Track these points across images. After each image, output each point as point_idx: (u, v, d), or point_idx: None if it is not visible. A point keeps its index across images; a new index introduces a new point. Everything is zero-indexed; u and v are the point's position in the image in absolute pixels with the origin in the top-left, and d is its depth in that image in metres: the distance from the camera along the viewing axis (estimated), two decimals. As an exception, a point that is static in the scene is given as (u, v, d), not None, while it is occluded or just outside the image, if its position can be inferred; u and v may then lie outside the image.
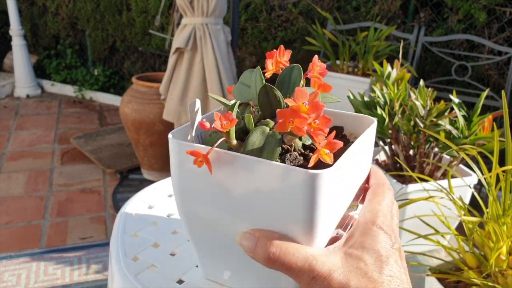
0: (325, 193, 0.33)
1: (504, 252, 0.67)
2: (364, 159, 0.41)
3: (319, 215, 0.34)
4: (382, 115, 0.97)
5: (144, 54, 3.39)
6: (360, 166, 0.40)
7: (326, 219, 0.35)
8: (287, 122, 0.33)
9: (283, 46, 0.41)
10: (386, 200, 0.39)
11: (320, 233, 0.35)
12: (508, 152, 0.65)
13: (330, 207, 0.35)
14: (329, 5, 2.62)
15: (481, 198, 0.76)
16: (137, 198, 0.58)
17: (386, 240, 0.35)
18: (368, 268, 0.33)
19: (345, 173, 0.36)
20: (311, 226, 0.34)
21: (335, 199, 0.36)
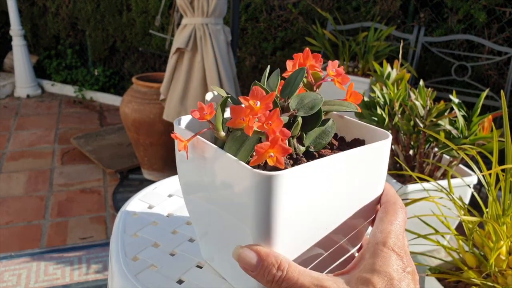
0: (281, 198, 0.31)
1: (504, 252, 0.67)
2: (365, 175, 0.37)
3: (273, 221, 0.32)
4: (382, 115, 0.97)
5: (144, 54, 3.39)
6: (355, 182, 0.37)
7: (285, 229, 0.33)
8: (238, 120, 0.33)
9: (308, 50, 0.40)
10: (399, 219, 0.37)
11: (280, 244, 0.33)
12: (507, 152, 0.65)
13: (293, 216, 0.33)
14: (329, 5, 2.62)
15: (481, 198, 0.76)
16: (137, 198, 0.58)
17: (398, 263, 0.34)
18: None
19: (318, 181, 0.33)
20: (264, 232, 0.33)
21: (301, 209, 0.33)
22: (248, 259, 0.33)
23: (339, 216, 0.37)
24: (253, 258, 0.33)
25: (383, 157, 0.38)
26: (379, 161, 0.38)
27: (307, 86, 0.40)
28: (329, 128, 0.38)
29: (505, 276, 0.65)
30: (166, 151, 2.24)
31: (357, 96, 0.39)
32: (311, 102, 0.37)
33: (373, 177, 0.38)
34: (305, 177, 0.32)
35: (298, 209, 0.33)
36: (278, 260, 0.33)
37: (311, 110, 0.36)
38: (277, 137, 0.31)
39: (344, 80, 0.39)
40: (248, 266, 0.33)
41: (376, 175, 0.38)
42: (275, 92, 0.34)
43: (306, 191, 0.33)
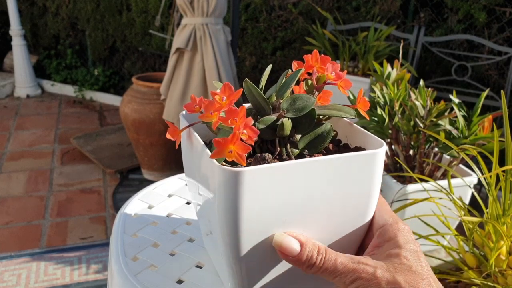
0: (244, 195, 0.31)
1: (504, 252, 0.67)
2: (348, 187, 0.35)
3: (238, 218, 0.32)
4: (382, 115, 0.97)
5: (144, 54, 3.39)
6: (335, 193, 0.35)
7: (251, 226, 0.33)
8: (208, 114, 0.33)
9: (317, 51, 0.39)
10: (389, 206, 0.40)
11: (245, 243, 0.34)
12: (508, 152, 0.65)
13: (259, 215, 0.33)
14: (329, 5, 2.62)
15: (481, 198, 0.76)
16: (137, 198, 0.58)
17: (412, 236, 0.37)
18: (410, 263, 0.34)
19: (287, 183, 0.33)
20: (228, 228, 0.33)
21: (268, 209, 0.33)
22: (291, 245, 0.34)
23: (314, 225, 0.36)
24: (296, 245, 0.34)
25: (372, 170, 0.35)
26: (367, 175, 0.35)
27: (310, 89, 0.39)
28: (326, 133, 0.37)
29: (505, 276, 0.65)
30: (166, 151, 2.23)
31: (365, 103, 0.39)
32: (302, 104, 0.36)
33: (360, 193, 0.36)
34: (270, 177, 0.32)
35: (264, 208, 0.33)
36: (316, 245, 0.34)
37: (300, 112, 0.36)
38: (237, 134, 0.31)
39: (346, 84, 0.38)
40: (290, 253, 0.34)
41: (363, 192, 0.36)
42: (241, 90, 0.35)
43: (273, 191, 0.33)
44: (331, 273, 0.33)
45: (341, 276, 0.33)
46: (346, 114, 0.38)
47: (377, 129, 0.99)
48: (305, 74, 0.40)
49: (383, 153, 0.36)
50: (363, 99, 0.39)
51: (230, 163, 0.33)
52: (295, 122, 0.37)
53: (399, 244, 0.35)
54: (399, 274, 0.33)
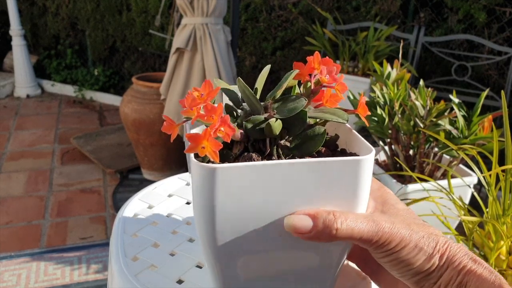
0: (218, 192, 0.31)
1: (504, 252, 0.67)
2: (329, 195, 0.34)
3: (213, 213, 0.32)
4: (382, 115, 0.97)
5: (144, 54, 3.39)
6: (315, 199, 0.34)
7: (226, 224, 0.33)
8: (189, 109, 0.33)
9: (318, 53, 0.39)
10: None
11: (221, 240, 0.33)
12: (507, 152, 0.65)
13: (232, 213, 0.33)
14: (329, 5, 2.62)
15: (481, 198, 0.76)
16: (137, 198, 0.58)
17: (399, 199, 0.39)
18: (410, 216, 0.37)
19: (263, 183, 0.32)
20: (205, 222, 0.33)
21: (242, 208, 0.33)
22: (303, 222, 0.33)
23: None
24: (308, 220, 0.33)
25: (357, 177, 0.34)
26: (351, 181, 0.34)
27: (307, 92, 0.39)
28: (317, 136, 0.36)
29: (505, 276, 0.65)
30: (166, 151, 2.24)
31: (365, 109, 0.39)
32: (292, 105, 0.36)
33: (344, 199, 0.35)
34: (244, 176, 0.32)
35: (240, 207, 0.33)
36: (329, 211, 0.34)
37: (290, 113, 0.35)
38: (208, 130, 0.31)
39: (342, 87, 0.37)
40: (305, 229, 0.33)
41: (348, 198, 0.35)
42: (219, 87, 0.36)
43: (248, 191, 0.32)
44: (355, 236, 0.34)
45: (366, 236, 0.34)
46: (338, 118, 0.36)
47: (377, 129, 0.99)
48: (307, 76, 0.39)
49: (369, 160, 0.34)
50: (363, 104, 0.38)
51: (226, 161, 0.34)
52: (287, 124, 0.37)
53: (392, 204, 0.37)
54: (412, 224, 0.35)
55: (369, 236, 0.34)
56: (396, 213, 0.37)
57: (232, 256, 0.35)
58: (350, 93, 1.02)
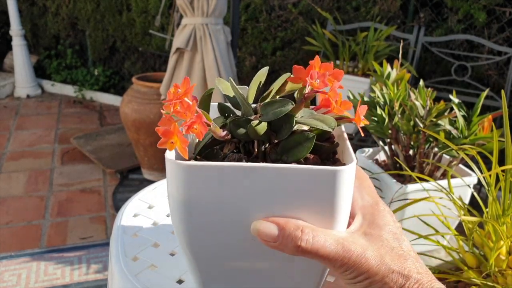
0: (188, 189, 0.32)
1: (503, 252, 0.67)
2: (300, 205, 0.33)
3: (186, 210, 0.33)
4: (382, 115, 0.97)
5: (144, 54, 3.39)
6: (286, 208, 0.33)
7: (197, 221, 0.34)
8: (168, 104, 0.34)
9: (318, 57, 0.37)
10: (371, 183, 0.40)
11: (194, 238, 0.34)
12: (507, 152, 0.65)
13: (202, 212, 0.33)
14: (329, 5, 2.62)
15: (481, 198, 0.76)
16: (137, 198, 0.58)
17: (393, 220, 0.37)
18: (391, 244, 0.35)
19: (229, 186, 0.32)
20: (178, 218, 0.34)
21: (210, 207, 0.33)
22: (268, 230, 0.33)
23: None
24: (274, 229, 0.33)
25: (333, 188, 0.32)
26: (327, 192, 0.33)
27: (300, 96, 0.38)
28: (305, 142, 0.35)
29: (505, 276, 0.65)
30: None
31: (360, 118, 0.38)
32: (278, 108, 0.36)
33: (319, 210, 0.33)
34: (210, 174, 0.32)
35: (208, 206, 0.33)
36: (299, 225, 0.33)
37: (274, 116, 0.35)
38: (176, 126, 0.32)
39: (333, 94, 0.36)
40: (269, 237, 0.33)
41: (324, 210, 0.33)
42: (195, 84, 0.36)
43: (217, 190, 0.33)
44: (320, 255, 0.33)
45: (331, 259, 0.33)
46: (324, 126, 0.35)
47: (377, 129, 0.99)
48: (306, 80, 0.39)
49: (347, 172, 0.32)
50: (358, 113, 0.37)
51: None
52: (275, 127, 0.36)
53: (379, 226, 0.36)
54: (385, 254, 0.34)
55: (334, 260, 0.33)
56: (378, 238, 0.35)
57: (206, 254, 0.36)
58: (350, 93, 1.02)
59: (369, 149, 1.12)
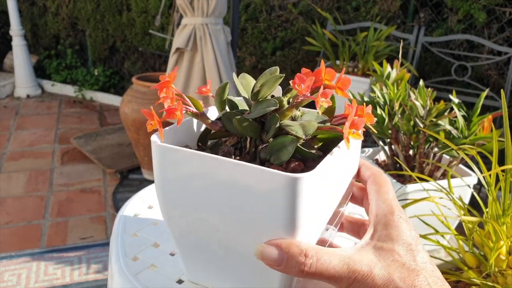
0: (162, 171, 0.36)
1: (503, 252, 0.67)
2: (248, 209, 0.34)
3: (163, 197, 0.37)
4: (382, 115, 0.97)
5: (144, 54, 3.39)
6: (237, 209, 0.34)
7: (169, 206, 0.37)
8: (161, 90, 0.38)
9: (323, 64, 0.37)
10: (391, 187, 0.39)
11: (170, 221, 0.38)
12: (507, 152, 0.65)
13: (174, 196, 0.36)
14: (329, 5, 2.62)
15: (481, 198, 0.76)
16: (137, 198, 0.58)
17: (410, 228, 0.35)
18: (403, 259, 0.33)
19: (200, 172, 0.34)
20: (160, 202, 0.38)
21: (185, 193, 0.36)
22: (270, 255, 0.33)
23: (222, 225, 0.36)
24: (275, 253, 0.32)
25: (290, 196, 0.31)
26: (282, 199, 0.32)
27: (293, 100, 0.38)
28: (288, 147, 0.35)
29: (505, 276, 0.65)
30: (166, 151, 2.23)
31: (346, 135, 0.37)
32: (263, 107, 0.36)
33: (273, 217, 0.33)
34: (185, 160, 0.35)
35: (178, 189, 0.36)
36: (302, 248, 0.32)
37: (257, 115, 0.36)
38: (153, 111, 0.36)
39: (317, 100, 0.35)
40: (272, 262, 0.33)
41: (278, 217, 0.32)
42: (176, 69, 0.39)
43: (185, 176, 0.35)
44: (325, 277, 0.32)
45: (336, 280, 0.32)
46: (299, 132, 0.34)
47: (377, 129, 0.99)
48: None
49: (306, 180, 0.31)
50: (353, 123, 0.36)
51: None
52: (267, 127, 0.37)
53: (391, 238, 0.34)
54: (394, 272, 0.32)
55: (340, 281, 0.32)
56: (389, 252, 0.33)
57: (184, 239, 0.39)
58: (350, 93, 1.02)
59: (369, 149, 1.12)
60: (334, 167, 0.35)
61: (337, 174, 0.37)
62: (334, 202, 0.38)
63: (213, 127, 0.38)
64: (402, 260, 0.33)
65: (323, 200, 0.35)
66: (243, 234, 0.35)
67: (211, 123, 0.39)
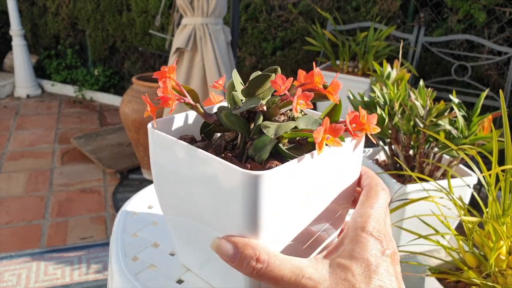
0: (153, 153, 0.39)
1: (504, 252, 0.67)
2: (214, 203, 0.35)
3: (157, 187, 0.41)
4: (382, 115, 0.97)
5: (144, 54, 3.39)
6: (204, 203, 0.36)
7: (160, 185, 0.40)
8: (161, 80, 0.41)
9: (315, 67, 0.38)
10: (380, 201, 0.37)
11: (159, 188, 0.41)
12: (507, 152, 0.65)
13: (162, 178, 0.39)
14: (329, 5, 2.62)
15: (481, 198, 0.76)
16: (137, 198, 0.58)
17: (377, 247, 0.34)
18: (356, 279, 0.32)
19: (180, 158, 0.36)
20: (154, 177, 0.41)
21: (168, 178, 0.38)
22: (225, 250, 0.33)
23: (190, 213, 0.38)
24: (230, 250, 0.33)
25: (250, 194, 0.31)
26: (241, 195, 0.32)
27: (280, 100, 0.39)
28: (268, 145, 0.35)
29: (505, 276, 0.65)
30: (166, 151, 2.24)
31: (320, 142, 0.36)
32: (247, 104, 0.37)
33: (232, 211, 0.33)
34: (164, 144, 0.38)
35: (164, 172, 0.39)
36: (256, 251, 0.32)
37: (240, 110, 0.37)
38: (148, 98, 0.39)
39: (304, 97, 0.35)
40: (226, 257, 0.33)
41: (236, 211, 0.33)
42: (174, 67, 0.41)
43: (168, 161, 0.38)
44: (272, 283, 0.32)
45: (284, 287, 0.32)
46: (269, 131, 0.34)
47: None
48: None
49: (268, 177, 0.31)
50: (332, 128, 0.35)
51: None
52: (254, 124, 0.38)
53: (352, 255, 0.33)
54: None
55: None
56: (344, 271, 0.33)
57: (166, 206, 0.41)
58: (350, 93, 1.02)
59: (369, 149, 1.12)
60: (307, 169, 0.34)
61: (314, 177, 0.35)
62: (317, 205, 0.37)
63: (208, 119, 0.40)
64: (354, 281, 0.32)
65: (294, 202, 0.34)
66: (210, 226, 0.36)
67: (206, 115, 0.40)
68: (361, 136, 0.39)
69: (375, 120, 0.38)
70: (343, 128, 0.34)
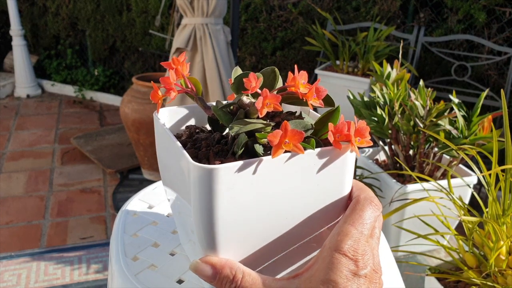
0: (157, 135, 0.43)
1: (503, 252, 0.67)
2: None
3: None
4: (382, 115, 0.97)
5: (144, 54, 3.39)
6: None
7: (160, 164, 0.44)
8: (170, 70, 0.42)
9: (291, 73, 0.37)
10: (365, 217, 0.35)
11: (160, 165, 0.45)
12: (507, 152, 0.65)
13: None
14: (329, 5, 2.62)
15: (481, 198, 0.76)
16: (137, 198, 0.58)
17: (349, 268, 0.32)
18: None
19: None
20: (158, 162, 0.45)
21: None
22: (204, 272, 0.35)
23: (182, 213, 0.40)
24: (209, 271, 0.35)
25: (206, 187, 0.32)
26: (199, 189, 0.32)
27: None
28: (243, 142, 0.35)
29: (505, 276, 0.65)
30: (166, 151, 2.24)
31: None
32: (234, 101, 0.38)
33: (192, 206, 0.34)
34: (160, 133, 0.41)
35: (163, 153, 0.42)
36: (233, 271, 0.34)
37: (225, 106, 0.38)
38: (156, 87, 0.41)
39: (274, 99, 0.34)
40: (205, 278, 0.35)
41: (195, 206, 0.34)
42: (185, 55, 0.42)
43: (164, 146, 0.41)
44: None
45: None
46: (231, 131, 0.35)
47: (377, 129, 0.99)
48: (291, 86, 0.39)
49: (218, 171, 0.31)
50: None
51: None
52: None
53: (318, 277, 0.32)
54: None
55: None
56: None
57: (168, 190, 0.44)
58: (350, 93, 1.02)
59: (369, 149, 1.12)
60: (265, 171, 0.33)
61: (277, 183, 0.34)
62: (285, 217, 0.36)
63: (207, 112, 0.41)
64: None
65: (256, 207, 0.34)
66: (189, 216, 0.37)
67: (205, 108, 0.41)
68: (345, 149, 0.35)
69: (367, 133, 0.35)
70: (303, 134, 0.32)
